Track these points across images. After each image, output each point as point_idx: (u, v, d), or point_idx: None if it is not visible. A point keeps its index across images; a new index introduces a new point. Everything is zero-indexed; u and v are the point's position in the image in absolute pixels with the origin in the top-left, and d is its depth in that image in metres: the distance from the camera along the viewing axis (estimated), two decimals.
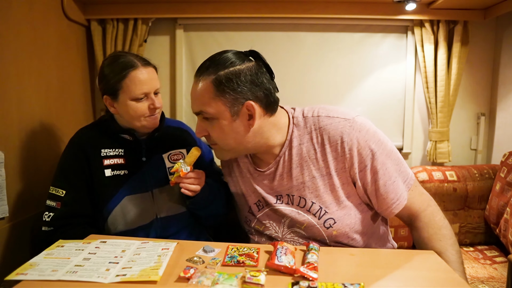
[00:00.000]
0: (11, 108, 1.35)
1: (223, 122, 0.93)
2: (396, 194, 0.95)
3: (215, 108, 0.91)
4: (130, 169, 1.15)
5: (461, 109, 2.07)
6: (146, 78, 1.09)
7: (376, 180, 0.93)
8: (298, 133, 0.99)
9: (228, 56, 0.93)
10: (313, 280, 0.74)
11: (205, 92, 0.91)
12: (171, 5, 1.90)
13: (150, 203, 1.14)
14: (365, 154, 0.92)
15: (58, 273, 0.75)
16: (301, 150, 0.97)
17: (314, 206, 0.97)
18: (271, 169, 1.01)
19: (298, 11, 1.90)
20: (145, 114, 1.11)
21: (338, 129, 0.94)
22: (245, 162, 1.07)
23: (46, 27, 1.57)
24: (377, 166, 0.93)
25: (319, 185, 0.96)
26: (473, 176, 1.79)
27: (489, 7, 1.85)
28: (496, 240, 1.72)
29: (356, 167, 0.93)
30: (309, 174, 0.97)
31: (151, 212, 1.14)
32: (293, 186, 0.99)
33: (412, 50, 2.01)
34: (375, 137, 0.94)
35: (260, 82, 0.93)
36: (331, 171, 0.95)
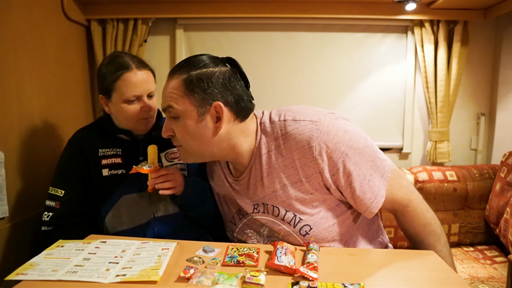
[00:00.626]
0: (11, 108, 1.35)
1: (188, 121, 0.90)
2: (373, 193, 0.91)
3: (182, 106, 0.90)
4: (128, 169, 1.14)
5: (461, 109, 2.07)
6: (139, 80, 1.09)
7: (350, 182, 0.89)
8: (266, 140, 0.95)
9: (202, 58, 0.93)
10: (313, 280, 0.74)
11: (174, 89, 0.91)
12: (171, 5, 1.90)
13: (147, 202, 1.15)
14: (336, 158, 0.88)
15: (58, 273, 0.75)
16: (270, 158, 0.94)
17: (288, 214, 0.94)
18: (245, 178, 0.99)
19: (298, 11, 1.90)
20: (136, 116, 1.11)
21: (305, 134, 0.89)
22: (225, 172, 1.06)
23: (46, 27, 1.57)
24: (350, 168, 0.89)
25: (290, 193, 0.92)
26: (473, 176, 1.79)
27: (489, 7, 1.85)
28: (496, 240, 1.72)
29: (327, 171, 0.89)
30: (280, 182, 0.93)
31: (149, 211, 1.14)
32: (266, 195, 0.96)
33: (412, 50, 2.01)
34: (345, 138, 0.89)
35: (231, 87, 0.92)
36: (301, 178, 0.91)
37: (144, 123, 1.15)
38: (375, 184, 0.91)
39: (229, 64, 0.96)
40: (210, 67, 0.91)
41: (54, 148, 1.57)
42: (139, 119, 1.12)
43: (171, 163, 1.20)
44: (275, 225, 0.96)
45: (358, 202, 0.92)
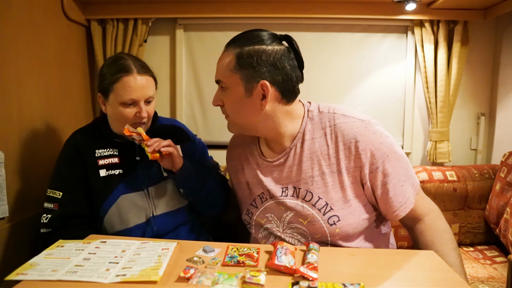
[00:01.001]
0: (11, 108, 1.35)
1: (236, 96, 0.94)
2: (404, 197, 0.96)
3: (231, 81, 0.94)
4: (125, 168, 1.16)
5: (461, 109, 2.07)
6: (138, 85, 1.08)
7: (385, 183, 0.94)
8: (312, 127, 0.99)
9: (259, 34, 0.95)
10: (313, 280, 0.75)
11: (226, 63, 0.94)
12: (171, 5, 1.90)
13: (145, 201, 1.15)
14: (378, 156, 0.93)
15: (58, 273, 0.75)
16: (313, 144, 0.97)
17: (320, 201, 0.96)
18: (281, 160, 1.01)
19: (298, 11, 1.90)
20: (130, 120, 1.11)
21: (353, 129, 0.94)
22: (254, 154, 1.08)
23: (46, 27, 1.57)
24: (388, 169, 0.94)
25: (328, 181, 0.96)
26: (473, 176, 1.79)
27: (489, 7, 1.85)
28: (496, 240, 1.72)
29: (367, 167, 0.93)
30: (319, 169, 0.96)
31: (147, 210, 1.15)
32: (301, 179, 0.98)
33: (412, 50, 2.01)
34: (387, 141, 0.95)
35: (281, 67, 0.93)
36: (341, 169, 0.95)
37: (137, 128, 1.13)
38: (407, 190, 0.96)
39: (286, 42, 0.97)
40: (264, 44, 0.93)
41: (54, 148, 1.57)
42: (132, 124, 1.12)
43: None
44: (304, 210, 0.98)
45: (388, 204, 0.96)
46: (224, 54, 0.97)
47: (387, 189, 0.94)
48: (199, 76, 2.07)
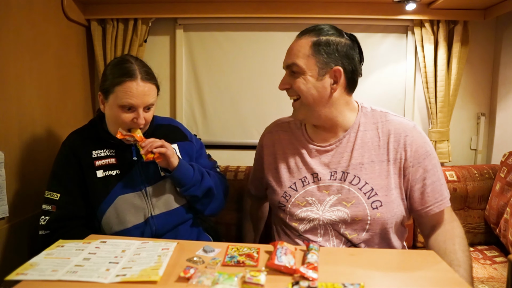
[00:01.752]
0: (11, 108, 1.35)
1: (309, 78, 1.02)
2: (442, 195, 1.04)
3: (306, 64, 1.02)
4: (122, 169, 1.16)
5: (461, 109, 2.07)
6: (139, 92, 1.08)
7: (425, 178, 1.03)
8: (365, 121, 1.09)
9: (331, 27, 1.06)
10: (313, 280, 0.75)
11: (302, 48, 1.03)
12: (171, 5, 1.90)
13: (143, 202, 1.15)
14: (421, 152, 1.04)
15: (58, 273, 0.75)
16: (365, 135, 1.07)
17: (367, 186, 1.04)
18: (332, 146, 1.09)
19: (298, 11, 1.90)
20: (126, 125, 1.11)
21: (403, 126, 1.06)
22: (301, 139, 1.14)
23: (46, 27, 1.57)
24: (429, 166, 1.04)
25: (376, 168, 1.04)
26: (473, 176, 1.79)
27: (489, 7, 1.85)
28: (496, 240, 1.72)
29: (410, 161, 1.03)
30: (369, 157, 1.05)
31: (145, 210, 1.15)
32: (350, 165, 1.06)
33: (412, 50, 2.01)
34: (430, 143, 1.07)
35: (351, 58, 1.04)
36: (390, 159, 1.04)
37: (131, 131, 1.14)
38: (444, 190, 1.06)
39: (350, 38, 1.08)
40: (338, 36, 1.04)
41: (54, 148, 1.56)
42: (127, 128, 1.12)
43: None
44: (349, 193, 1.05)
45: (424, 198, 1.04)
46: (299, 41, 1.05)
47: (425, 184, 1.04)
48: (199, 76, 2.07)
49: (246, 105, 2.07)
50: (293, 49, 1.06)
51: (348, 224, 1.04)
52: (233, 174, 1.73)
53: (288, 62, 1.06)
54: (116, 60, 1.15)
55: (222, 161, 1.53)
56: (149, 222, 1.14)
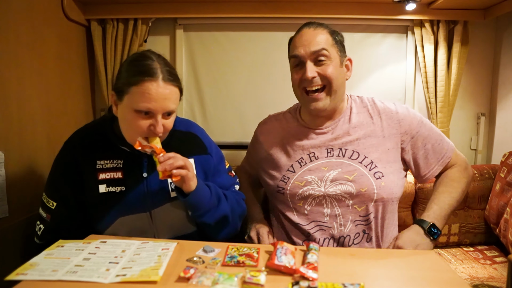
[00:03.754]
0: (11, 108, 1.35)
1: (335, 64, 1.10)
2: (441, 152, 1.14)
3: (332, 51, 1.10)
4: (128, 186, 1.02)
5: (461, 109, 2.07)
6: (159, 95, 0.91)
7: (425, 144, 1.13)
8: (355, 105, 1.18)
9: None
10: (313, 280, 0.75)
11: (325, 37, 1.10)
12: (171, 5, 1.90)
13: (147, 225, 1.04)
14: (415, 124, 1.13)
15: (58, 273, 0.75)
16: (358, 116, 1.16)
17: (366, 159, 1.10)
18: (329, 128, 1.15)
19: (298, 11, 1.90)
20: (142, 133, 0.94)
21: (391, 105, 1.16)
22: (296, 126, 1.21)
23: (46, 27, 1.57)
24: (425, 133, 1.13)
25: (373, 143, 1.11)
26: (473, 176, 1.79)
27: (489, 7, 1.85)
28: (496, 240, 1.72)
29: (408, 133, 1.12)
30: (365, 133, 1.12)
31: (148, 234, 1.04)
32: (348, 141, 1.12)
33: (412, 50, 2.01)
34: (418, 114, 1.17)
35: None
36: (385, 135, 1.12)
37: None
38: (444, 145, 1.15)
39: None
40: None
41: (54, 148, 1.56)
42: (143, 137, 0.95)
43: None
44: (350, 167, 1.10)
45: (429, 161, 1.14)
46: (316, 31, 1.10)
47: (427, 149, 1.13)
48: (199, 76, 2.07)
49: (246, 105, 2.07)
50: (314, 37, 1.09)
51: (355, 197, 1.07)
52: None
53: (316, 49, 1.08)
54: (134, 56, 0.98)
55: None
56: None
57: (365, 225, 1.09)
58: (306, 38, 1.09)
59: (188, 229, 1.09)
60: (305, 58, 1.09)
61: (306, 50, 1.08)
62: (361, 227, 1.08)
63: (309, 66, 1.08)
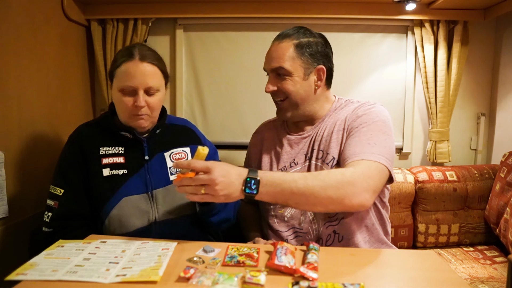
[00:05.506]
0: (11, 108, 1.35)
1: (296, 78, 1.09)
2: (363, 149, 0.99)
3: (293, 66, 1.08)
4: (130, 169, 1.11)
5: (461, 109, 2.07)
6: (137, 72, 1.04)
7: (354, 136, 1.04)
8: (336, 109, 1.17)
9: (308, 29, 1.14)
10: (313, 280, 0.75)
11: (286, 51, 1.09)
12: (171, 5, 1.90)
13: (148, 205, 1.11)
14: (364, 119, 1.06)
15: (58, 273, 0.75)
16: (334, 119, 1.14)
17: (328, 156, 1.10)
18: (310, 132, 1.17)
19: (298, 11, 1.90)
20: (129, 111, 1.07)
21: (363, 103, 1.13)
22: (282, 133, 1.22)
23: (46, 27, 1.57)
24: (364, 129, 1.04)
25: (333, 138, 1.10)
26: (473, 176, 1.79)
27: (489, 7, 1.85)
28: (496, 240, 1.72)
29: (352, 126, 1.07)
30: (329, 130, 1.12)
31: (150, 214, 1.11)
32: (315, 141, 1.14)
33: (412, 50, 2.01)
34: (379, 118, 1.06)
35: (328, 55, 1.15)
36: (345, 128, 1.09)
37: (136, 120, 1.09)
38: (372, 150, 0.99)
39: (321, 37, 1.16)
40: (314, 37, 1.13)
41: (54, 148, 1.57)
42: (132, 115, 1.08)
43: None
44: (317, 168, 1.10)
45: (346, 150, 1.03)
46: (280, 45, 1.10)
47: (354, 140, 1.03)
48: (199, 76, 2.07)
49: (246, 105, 2.07)
50: (276, 52, 1.10)
51: None
52: None
53: (274, 66, 1.10)
54: (124, 47, 1.16)
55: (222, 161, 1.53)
56: (153, 227, 1.10)
57: (335, 225, 1.07)
58: (269, 53, 1.13)
59: (187, 210, 1.15)
60: (268, 73, 1.15)
61: (268, 66, 1.13)
62: (331, 228, 1.07)
63: (269, 81, 1.14)
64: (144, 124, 1.11)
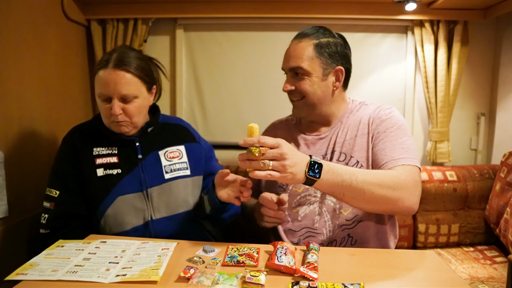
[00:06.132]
0: (11, 108, 1.35)
1: (314, 79, 1.09)
2: (401, 155, 1.01)
3: (311, 66, 1.08)
4: (124, 168, 1.11)
5: (461, 109, 2.07)
6: (108, 80, 1.03)
7: (385, 141, 1.05)
8: (354, 111, 1.18)
9: (326, 29, 1.13)
10: (313, 280, 0.75)
11: (305, 51, 1.08)
12: (171, 5, 1.90)
13: (144, 203, 1.12)
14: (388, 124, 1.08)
15: (58, 273, 0.75)
16: (351, 120, 1.15)
17: (352, 159, 1.09)
18: (326, 133, 1.16)
19: (298, 11, 1.90)
20: (108, 117, 1.07)
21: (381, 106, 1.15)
22: (297, 133, 1.21)
23: (46, 27, 1.57)
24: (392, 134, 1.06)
25: (357, 142, 1.10)
26: (473, 176, 1.79)
27: (489, 7, 1.85)
28: (496, 240, 1.72)
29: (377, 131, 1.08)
30: (351, 133, 1.12)
31: (145, 213, 1.11)
32: (336, 143, 1.13)
33: (412, 50, 2.01)
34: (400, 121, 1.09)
35: (347, 57, 1.15)
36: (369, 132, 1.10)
37: (115, 126, 1.09)
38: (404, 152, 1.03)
39: (341, 38, 1.15)
40: (334, 37, 1.12)
41: (54, 148, 1.56)
42: (111, 121, 1.08)
43: (170, 162, 1.18)
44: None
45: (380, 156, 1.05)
46: (299, 44, 1.10)
47: (385, 145, 1.05)
48: (199, 76, 2.07)
49: (246, 105, 2.07)
50: (295, 52, 1.10)
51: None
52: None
53: (293, 65, 1.10)
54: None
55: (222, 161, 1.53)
56: (149, 225, 1.11)
57: (350, 229, 1.08)
58: (288, 52, 1.13)
59: (183, 208, 1.16)
60: (286, 72, 1.14)
61: (286, 65, 1.13)
62: (346, 231, 1.08)
63: (287, 80, 1.14)
64: (124, 130, 1.10)
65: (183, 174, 1.18)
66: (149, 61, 1.18)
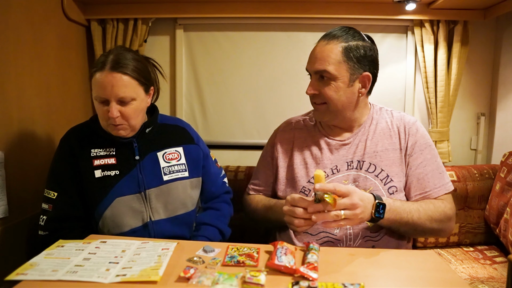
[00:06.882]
0: (11, 108, 1.35)
1: (340, 84, 1.04)
2: (440, 182, 1.08)
3: (338, 70, 1.03)
4: (122, 169, 1.11)
5: (461, 109, 2.07)
6: (105, 83, 1.02)
7: (425, 165, 1.08)
8: (376, 116, 1.16)
9: (355, 31, 1.07)
10: (313, 280, 0.75)
11: (333, 54, 1.03)
12: (171, 5, 1.90)
13: (142, 205, 1.11)
14: (422, 143, 1.10)
15: (58, 273, 0.75)
16: (377, 128, 1.13)
17: (382, 173, 1.08)
18: (350, 139, 1.13)
19: (298, 11, 1.90)
20: (105, 119, 1.06)
21: (407, 118, 1.14)
22: (318, 135, 1.17)
23: (46, 27, 1.57)
24: (428, 156, 1.09)
25: (390, 156, 1.09)
26: (473, 176, 1.79)
27: (489, 7, 1.85)
28: (496, 240, 1.72)
29: (412, 149, 1.09)
30: (382, 145, 1.10)
31: (144, 214, 1.11)
32: (365, 153, 1.10)
33: (412, 50, 2.01)
34: (430, 138, 1.13)
35: (376, 63, 1.10)
36: (401, 147, 1.09)
37: (113, 129, 1.08)
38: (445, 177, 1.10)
39: (370, 40, 1.10)
40: (365, 41, 1.06)
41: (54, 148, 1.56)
42: (108, 123, 1.06)
43: (169, 164, 1.17)
44: (366, 180, 1.08)
45: (424, 183, 1.07)
46: (326, 46, 1.04)
47: (426, 170, 1.07)
48: (199, 76, 2.07)
49: (246, 105, 2.07)
50: (322, 54, 1.04)
51: None
52: (233, 174, 1.73)
53: (318, 68, 1.04)
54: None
55: (222, 161, 1.53)
56: (148, 227, 1.11)
57: (375, 241, 1.06)
58: (314, 53, 1.07)
59: (182, 210, 1.17)
60: (311, 74, 1.09)
61: (311, 67, 1.08)
62: (371, 243, 1.06)
63: (311, 83, 1.09)
64: (122, 133, 1.09)
65: (181, 176, 1.17)
66: (146, 62, 1.17)
